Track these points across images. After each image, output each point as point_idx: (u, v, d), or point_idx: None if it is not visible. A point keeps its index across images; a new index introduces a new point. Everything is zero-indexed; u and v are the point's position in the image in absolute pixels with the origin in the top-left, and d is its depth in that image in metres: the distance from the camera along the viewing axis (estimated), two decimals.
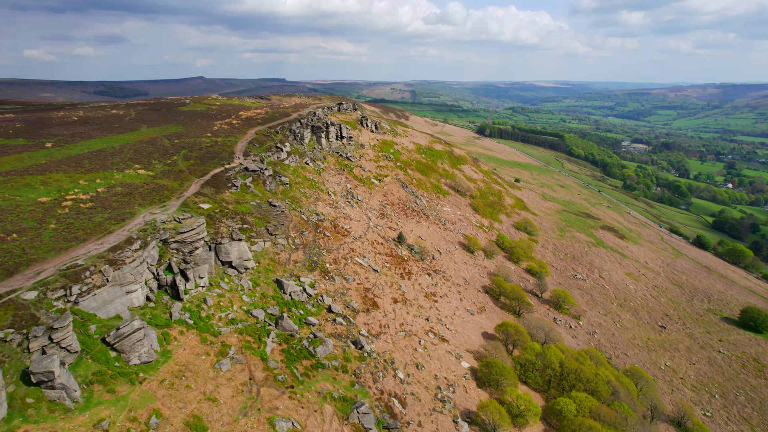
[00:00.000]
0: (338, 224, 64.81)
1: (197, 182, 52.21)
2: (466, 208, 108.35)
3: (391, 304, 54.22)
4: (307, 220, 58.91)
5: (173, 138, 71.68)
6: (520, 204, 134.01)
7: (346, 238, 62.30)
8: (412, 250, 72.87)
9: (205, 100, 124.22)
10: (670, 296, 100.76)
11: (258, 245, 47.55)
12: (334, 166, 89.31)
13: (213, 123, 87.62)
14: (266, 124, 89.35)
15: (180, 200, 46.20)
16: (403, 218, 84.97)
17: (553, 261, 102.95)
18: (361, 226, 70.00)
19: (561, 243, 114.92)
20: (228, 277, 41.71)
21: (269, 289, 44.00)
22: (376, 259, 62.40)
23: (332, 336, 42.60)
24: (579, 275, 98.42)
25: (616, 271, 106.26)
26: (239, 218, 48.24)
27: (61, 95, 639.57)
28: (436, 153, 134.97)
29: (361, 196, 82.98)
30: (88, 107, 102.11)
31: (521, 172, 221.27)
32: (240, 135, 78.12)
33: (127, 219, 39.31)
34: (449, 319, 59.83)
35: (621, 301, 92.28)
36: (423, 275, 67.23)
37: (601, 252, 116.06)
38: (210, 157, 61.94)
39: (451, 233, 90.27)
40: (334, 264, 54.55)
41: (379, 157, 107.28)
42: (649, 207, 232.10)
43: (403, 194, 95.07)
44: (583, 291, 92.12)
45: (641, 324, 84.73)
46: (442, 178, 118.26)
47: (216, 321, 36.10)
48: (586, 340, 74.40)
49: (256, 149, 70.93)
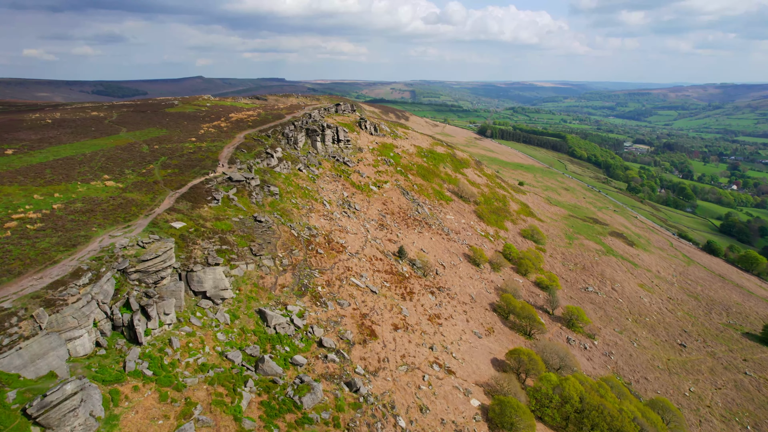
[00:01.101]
0: (333, 239, 58.83)
1: (172, 195, 46.19)
2: (470, 216, 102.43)
3: (391, 332, 48.28)
4: (298, 236, 52.93)
5: (154, 143, 65.66)
6: (525, 210, 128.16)
7: (341, 254, 56.33)
8: (414, 266, 66.93)
9: (195, 101, 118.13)
10: (686, 309, 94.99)
11: (239, 269, 41.57)
12: (330, 172, 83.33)
13: (200, 126, 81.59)
14: (257, 127, 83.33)
15: (149, 218, 40.20)
16: (404, 229, 79.02)
17: (562, 272, 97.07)
18: (359, 239, 64.03)
19: (570, 252, 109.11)
20: (201, 311, 35.72)
21: (250, 322, 38.04)
22: (374, 278, 56.46)
23: (323, 377, 36.66)
24: (590, 288, 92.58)
25: (628, 282, 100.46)
26: (218, 238, 42.25)
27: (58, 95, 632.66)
28: (438, 156, 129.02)
29: (358, 205, 77.01)
30: (69, 108, 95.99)
31: (524, 174, 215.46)
32: (227, 139, 72.12)
33: (80, 244, 33.31)
34: (456, 346, 53.93)
35: (636, 316, 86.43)
36: (426, 294, 61.30)
37: (612, 261, 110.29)
38: (191, 165, 55.94)
39: (456, 244, 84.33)
40: (327, 287, 48.59)
41: (378, 161, 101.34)
42: (655, 210, 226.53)
43: (403, 202, 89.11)
44: (595, 305, 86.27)
45: (659, 342, 78.88)
46: (445, 183, 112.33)
47: (182, 369, 30.12)
48: (603, 363, 68.54)
49: (243, 156, 64.92)
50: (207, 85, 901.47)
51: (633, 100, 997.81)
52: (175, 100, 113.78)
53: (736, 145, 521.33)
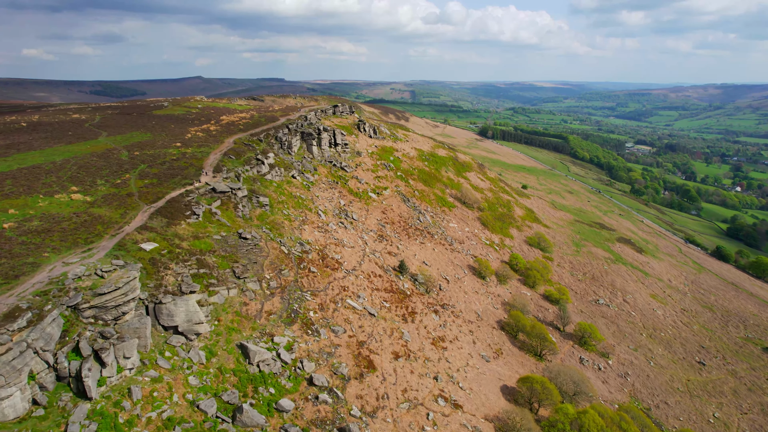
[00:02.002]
0: (327, 254, 53.85)
1: (146, 210, 41.18)
2: (474, 223, 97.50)
3: (391, 362, 43.35)
4: (289, 253, 47.94)
5: (134, 149, 60.66)
6: (530, 215, 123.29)
7: (336, 272, 51.36)
8: (416, 281, 61.97)
9: (187, 102, 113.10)
10: (702, 322, 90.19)
11: (219, 295, 36.60)
12: (326, 179, 78.35)
13: (187, 130, 76.60)
14: (249, 131, 78.35)
15: (115, 239, 35.22)
16: (405, 239, 74.06)
17: (571, 283, 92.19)
18: (356, 254, 59.06)
19: (578, 260, 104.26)
20: (171, 350, 30.76)
21: (230, 359, 33.08)
22: (372, 298, 51.51)
23: (313, 424, 31.72)
24: (602, 300, 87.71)
25: (640, 292, 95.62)
26: (195, 260, 37.26)
27: (56, 95, 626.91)
28: (440, 160, 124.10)
29: (356, 215, 72.05)
30: (51, 110, 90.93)
31: (527, 177, 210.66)
32: (215, 144, 67.13)
33: (24, 275, 28.35)
34: (462, 373, 49.01)
35: (650, 330, 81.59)
36: (429, 314, 56.36)
37: (622, 270, 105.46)
38: (171, 174, 50.94)
39: (460, 255, 79.39)
40: (321, 311, 43.63)
41: (377, 166, 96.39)
42: (661, 213, 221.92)
43: (404, 209, 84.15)
44: (608, 320, 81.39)
45: (677, 360, 74.03)
46: (447, 189, 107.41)
47: (141, 428, 25.15)
48: (619, 386, 63.64)
49: (231, 163, 59.92)
50: (206, 85, 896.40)
51: (633, 100, 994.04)
52: (165, 101, 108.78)
53: (738, 146, 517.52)
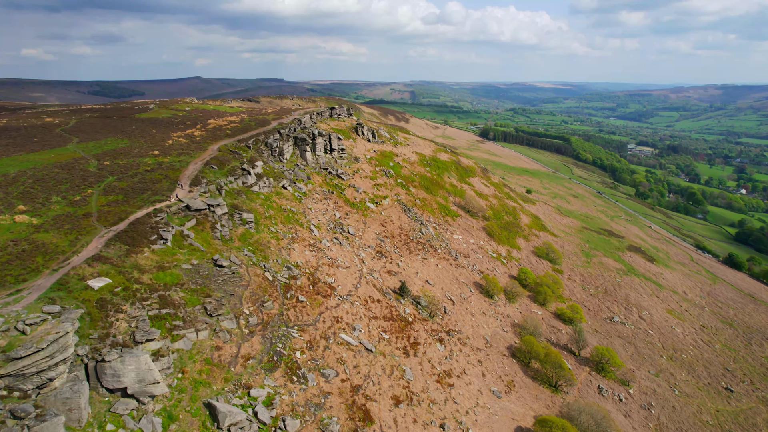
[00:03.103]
0: (319, 278, 47.73)
1: (103, 235, 35.04)
2: (479, 234, 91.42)
3: (390, 409, 37.26)
4: (273, 281, 41.79)
5: (106, 158, 54.52)
6: (537, 223, 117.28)
7: (329, 299, 45.23)
8: (419, 305, 55.88)
9: (175, 104, 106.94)
10: (723, 340, 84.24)
11: (185, 340, 30.50)
12: (321, 189, 72.22)
13: (170, 135, 70.46)
14: (236, 137, 72.23)
15: (56, 275, 29.09)
16: (406, 255, 67.94)
17: (584, 298, 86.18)
18: (352, 275, 52.93)
19: (589, 272, 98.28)
20: (115, 420, 24.60)
21: (194, 424, 26.96)
22: (370, 329, 45.41)
23: None
24: (616, 317, 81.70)
25: (656, 308, 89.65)
26: (156, 298, 31.13)
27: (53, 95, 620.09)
28: (442, 164, 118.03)
29: (353, 228, 65.92)
30: (23, 114, 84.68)
31: (531, 180, 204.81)
32: (197, 152, 60.99)
33: None
34: (471, 416, 42.92)
35: (671, 352, 75.58)
36: (433, 343, 50.28)
37: (635, 282, 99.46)
38: (141, 189, 44.78)
39: (465, 271, 73.31)
40: (309, 350, 37.52)
41: (376, 172, 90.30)
42: (667, 218, 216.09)
43: (405, 221, 78.05)
44: (624, 340, 75.38)
45: (702, 387, 68.03)
46: (450, 196, 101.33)
47: None
48: (643, 420, 57.62)
49: (212, 173, 53.78)
50: (205, 85, 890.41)
51: (634, 101, 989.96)
52: (152, 103, 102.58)
53: (741, 147, 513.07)
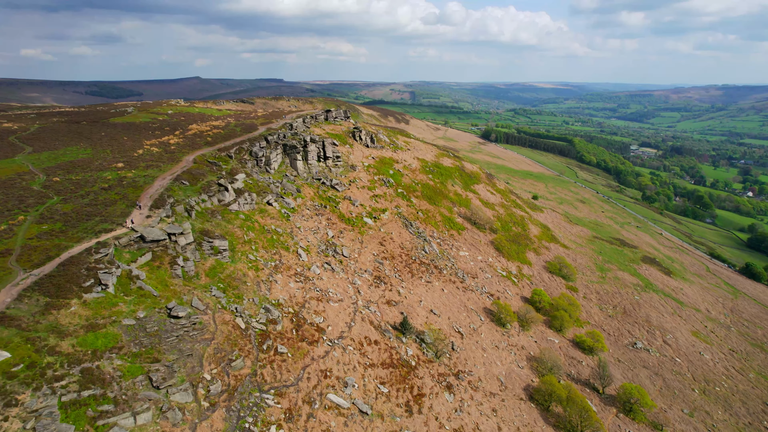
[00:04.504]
0: (305, 318, 39.96)
1: (18, 283, 27.22)
2: (487, 249, 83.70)
3: None
4: (247, 329, 34.01)
5: (58, 172, 46.75)
6: (546, 234, 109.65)
7: (315, 347, 37.47)
8: (423, 342, 48.16)
9: (157, 107, 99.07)
10: (756, 367, 76.62)
11: (116, 430, 22.73)
12: (312, 203, 64.43)
13: (142, 143, 62.67)
14: (217, 144, 64.47)
15: None
16: (408, 278, 60.19)
17: (602, 321, 78.55)
18: (344, 311, 45.18)
19: (605, 289, 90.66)
20: None
21: None
22: (365, 382, 37.65)
23: None
24: (639, 343, 74.08)
25: (680, 330, 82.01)
26: (77, 375, 23.32)
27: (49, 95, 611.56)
28: (446, 171, 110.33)
29: (347, 249, 58.15)
30: None
31: (536, 184, 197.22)
32: (169, 164, 53.21)
33: None
34: None
35: (702, 384, 67.93)
36: (441, 393, 42.57)
37: (654, 299, 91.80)
38: (88, 214, 36.98)
39: (474, 295, 65.56)
40: (288, 423, 29.75)
41: (374, 182, 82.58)
42: (677, 223, 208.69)
43: (406, 237, 70.28)
44: (650, 371, 67.71)
45: (742, 428, 60.30)
46: (455, 206, 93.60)
47: None
48: None
49: (182, 191, 46.00)
50: (204, 85, 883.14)
51: (634, 101, 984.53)
52: (131, 106, 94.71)
53: (744, 149, 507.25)
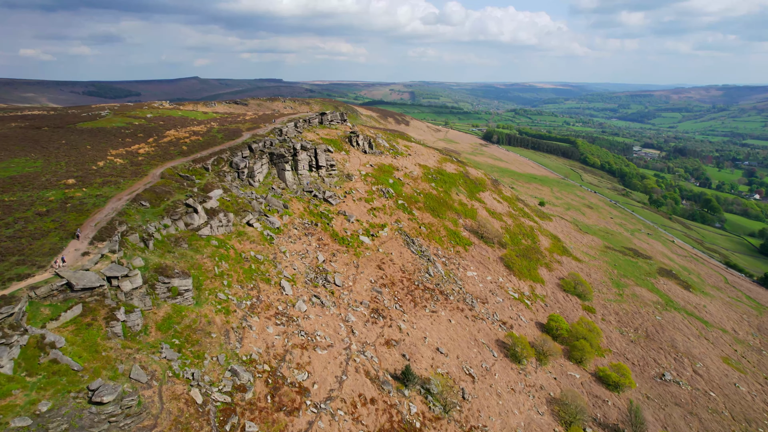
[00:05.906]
0: (285, 377, 32.11)
1: None
2: (497, 267, 75.94)
3: None
4: (204, 404, 26.15)
5: None
6: (557, 246, 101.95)
7: (296, 418, 29.63)
8: (428, 394, 40.37)
9: (137, 110, 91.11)
10: None
11: None
12: (301, 220, 56.58)
13: (107, 152, 54.77)
14: (193, 155, 56.56)
15: None
16: (410, 309, 52.40)
17: (624, 348, 70.83)
18: (335, 360, 37.35)
19: (624, 309, 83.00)
20: None
21: None
22: None
23: None
24: (668, 374, 66.35)
25: (709, 356, 74.36)
26: None
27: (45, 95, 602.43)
28: (449, 178, 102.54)
29: (340, 277, 50.33)
30: None
31: (541, 188, 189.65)
32: (131, 179, 45.34)
33: None
34: None
35: (743, 424, 60.19)
36: None
37: (677, 319, 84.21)
38: (5, 252, 29.09)
39: (485, 324, 57.77)
40: None
41: (372, 193, 74.82)
42: (686, 228, 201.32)
43: (407, 258, 62.45)
44: (684, 410, 59.98)
45: None
46: (460, 218, 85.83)
47: None
48: None
49: (140, 214, 38.11)
50: (203, 85, 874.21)
51: (635, 101, 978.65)
52: (106, 109, 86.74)
53: (748, 150, 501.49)
